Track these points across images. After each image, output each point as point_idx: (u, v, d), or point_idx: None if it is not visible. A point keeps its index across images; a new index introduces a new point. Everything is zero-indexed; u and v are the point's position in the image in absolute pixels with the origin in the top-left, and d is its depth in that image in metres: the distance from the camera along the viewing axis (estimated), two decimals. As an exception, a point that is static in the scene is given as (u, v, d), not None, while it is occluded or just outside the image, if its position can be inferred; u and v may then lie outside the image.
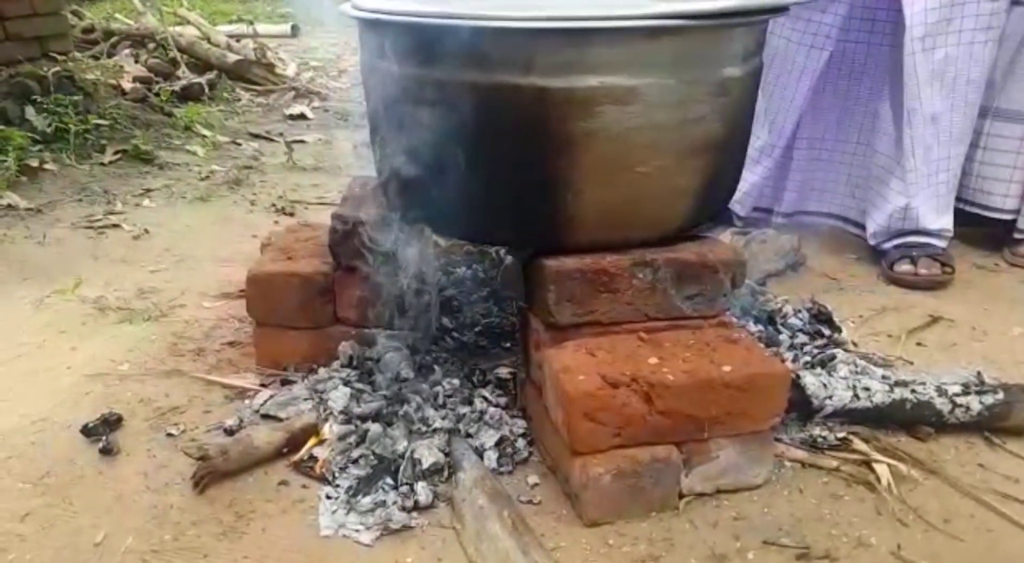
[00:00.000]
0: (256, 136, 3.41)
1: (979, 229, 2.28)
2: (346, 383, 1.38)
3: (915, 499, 1.24)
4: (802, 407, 1.36)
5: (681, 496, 1.21)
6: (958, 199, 2.17)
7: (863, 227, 2.21)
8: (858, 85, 2.16)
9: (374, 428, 1.27)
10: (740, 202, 2.27)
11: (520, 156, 1.20)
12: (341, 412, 1.31)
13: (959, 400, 1.38)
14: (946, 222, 2.06)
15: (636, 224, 1.27)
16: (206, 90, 4.00)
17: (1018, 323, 1.84)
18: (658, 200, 1.26)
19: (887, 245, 2.10)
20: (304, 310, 1.47)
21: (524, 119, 1.17)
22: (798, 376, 1.37)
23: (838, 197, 2.31)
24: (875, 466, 1.29)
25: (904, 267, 2.02)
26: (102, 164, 2.76)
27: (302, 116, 3.87)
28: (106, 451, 1.27)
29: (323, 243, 1.55)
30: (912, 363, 1.64)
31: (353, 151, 3.20)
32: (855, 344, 1.70)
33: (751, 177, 2.23)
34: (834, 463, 1.31)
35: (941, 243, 2.06)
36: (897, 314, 1.87)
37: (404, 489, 1.18)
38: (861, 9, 2.07)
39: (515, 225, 1.28)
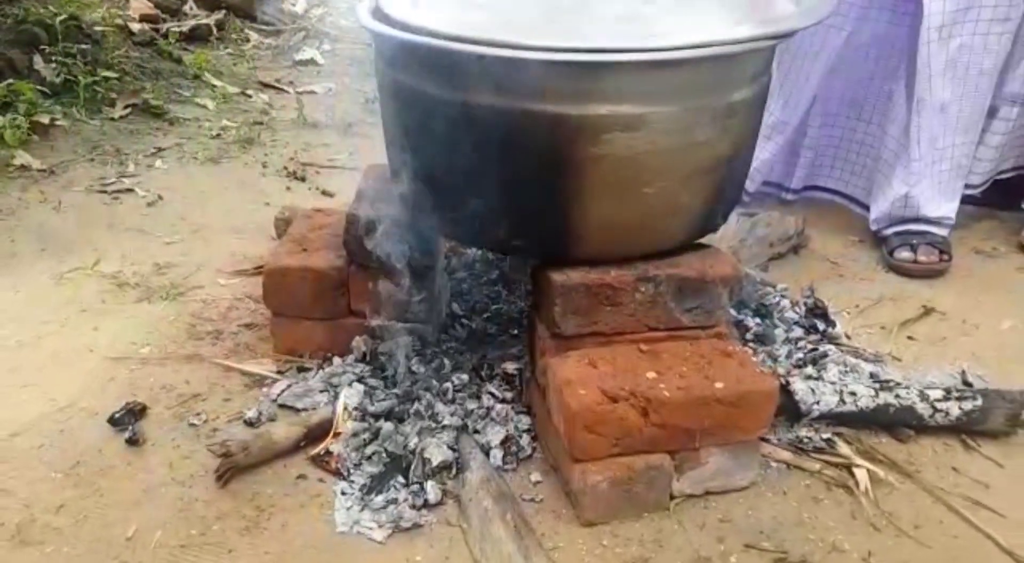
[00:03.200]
0: (266, 86, 3.40)
1: (980, 208, 2.31)
2: (360, 379, 1.46)
3: (890, 504, 1.32)
4: (791, 410, 1.43)
5: (672, 497, 1.29)
6: None
7: (868, 208, 2.24)
8: (875, 65, 2.16)
9: (386, 426, 1.35)
10: (750, 178, 2.29)
11: (532, 175, 1.24)
12: (355, 409, 1.39)
13: (939, 405, 1.45)
14: (947, 210, 2.09)
15: (641, 239, 1.32)
16: (214, 31, 3.96)
17: (1008, 316, 1.89)
18: (663, 217, 1.31)
19: (888, 231, 2.13)
20: (319, 303, 1.53)
21: (536, 142, 1.21)
22: (788, 382, 1.44)
23: (846, 175, 2.33)
24: (855, 470, 1.37)
25: (904, 254, 2.06)
26: (112, 119, 2.77)
27: (312, 61, 3.83)
28: (132, 441, 1.35)
29: (337, 233, 1.60)
30: (900, 360, 1.70)
31: (364, 105, 3.19)
32: (848, 337, 1.77)
33: (762, 153, 2.26)
34: (817, 466, 1.39)
35: (942, 231, 2.09)
36: (892, 304, 1.93)
37: (414, 488, 1.26)
38: None
39: (525, 237, 1.33)
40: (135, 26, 3.77)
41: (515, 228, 1.31)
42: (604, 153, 1.19)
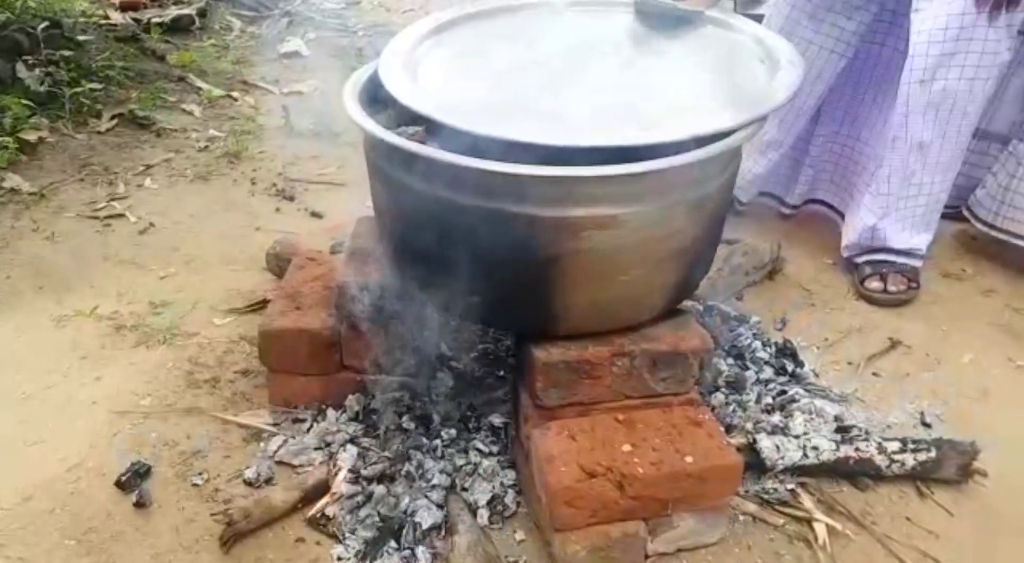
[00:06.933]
0: (250, 85, 3.40)
1: (953, 223, 2.38)
2: (353, 440, 1.54)
3: (846, 557, 1.43)
4: (758, 466, 1.53)
5: (647, 557, 1.40)
6: (991, 226, 2.27)
7: None
8: (878, 87, 2.21)
9: (378, 490, 1.44)
10: (744, 189, 2.37)
11: (514, 266, 1.31)
12: (350, 471, 1.47)
13: (896, 457, 1.55)
14: (919, 242, 2.14)
15: (617, 316, 1.40)
16: (196, 21, 3.93)
17: (970, 347, 1.99)
18: (636, 298, 1.38)
19: (859, 259, 2.21)
20: (313, 360, 1.60)
21: (517, 239, 1.26)
22: (755, 439, 1.53)
23: (840, 191, 2.39)
24: (814, 524, 1.48)
25: (874, 285, 2.14)
26: (99, 132, 2.78)
27: (297, 53, 3.82)
28: (140, 504, 1.44)
29: (329, 285, 1.67)
30: (864, 400, 1.80)
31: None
32: (816, 375, 1.86)
33: (756, 168, 2.34)
34: (780, 520, 1.49)
35: (913, 262, 2.16)
36: (860, 336, 2.01)
37: (406, 553, 1.36)
38: (890, 14, 2.11)
39: (508, 317, 1.41)
40: (116, 17, 3.74)
41: (499, 309, 1.38)
42: (580, 248, 1.26)
